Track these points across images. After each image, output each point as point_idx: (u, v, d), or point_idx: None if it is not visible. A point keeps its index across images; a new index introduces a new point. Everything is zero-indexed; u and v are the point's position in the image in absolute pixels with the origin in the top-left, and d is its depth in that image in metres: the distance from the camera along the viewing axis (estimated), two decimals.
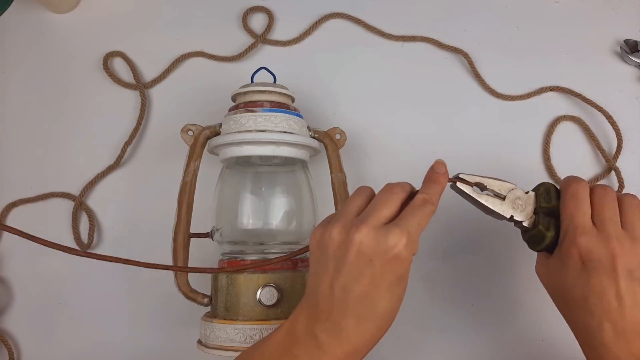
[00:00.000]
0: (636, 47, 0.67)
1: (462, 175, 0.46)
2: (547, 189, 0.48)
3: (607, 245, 0.42)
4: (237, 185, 0.58)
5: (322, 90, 0.67)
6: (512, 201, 0.47)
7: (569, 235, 0.44)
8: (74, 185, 0.65)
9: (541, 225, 0.46)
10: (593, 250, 0.42)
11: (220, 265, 0.56)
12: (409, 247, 0.41)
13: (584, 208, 0.44)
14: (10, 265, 0.64)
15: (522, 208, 0.47)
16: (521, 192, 0.47)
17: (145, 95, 0.67)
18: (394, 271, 0.41)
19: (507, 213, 0.47)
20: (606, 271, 0.42)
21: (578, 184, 0.45)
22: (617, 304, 0.42)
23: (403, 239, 0.40)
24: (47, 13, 0.70)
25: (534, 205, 0.47)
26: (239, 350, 0.50)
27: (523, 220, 0.47)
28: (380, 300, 0.41)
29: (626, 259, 0.42)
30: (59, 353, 0.62)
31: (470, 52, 0.68)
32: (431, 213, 0.43)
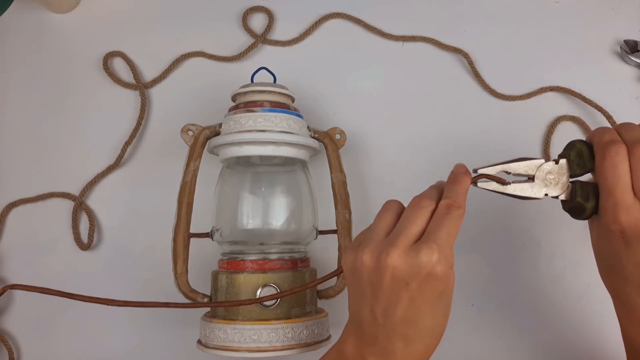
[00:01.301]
0: (636, 47, 0.67)
1: (481, 170, 0.44)
2: (579, 152, 0.44)
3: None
4: (237, 185, 0.58)
5: (322, 90, 0.67)
6: (543, 179, 0.44)
7: (610, 211, 0.42)
8: (74, 185, 0.65)
9: (579, 197, 0.44)
10: (635, 225, 0.41)
11: (220, 265, 0.56)
12: (442, 262, 0.39)
13: (623, 180, 0.41)
14: (10, 265, 0.64)
15: (556, 181, 0.44)
16: (551, 165, 0.44)
17: (145, 95, 0.67)
18: (433, 289, 0.40)
19: (539, 194, 0.44)
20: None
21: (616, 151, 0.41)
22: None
23: (434, 256, 0.39)
24: (47, 13, 0.70)
25: (567, 173, 0.44)
26: (239, 350, 0.50)
27: (559, 194, 0.44)
28: (424, 320, 0.40)
29: None
30: (59, 353, 0.62)
31: (470, 52, 0.68)
32: (459, 217, 0.41)
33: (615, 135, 0.43)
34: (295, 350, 0.51)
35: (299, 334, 0.51)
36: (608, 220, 0.42)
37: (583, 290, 0.62)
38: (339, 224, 0.58)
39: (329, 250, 0.61)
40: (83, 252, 0.64)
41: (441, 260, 0.39)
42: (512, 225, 0.64)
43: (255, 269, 0.53)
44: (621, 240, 0.42)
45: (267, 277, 0.52)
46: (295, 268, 0.54)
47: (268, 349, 0.50)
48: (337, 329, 0.59)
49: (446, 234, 0.40)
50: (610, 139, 0.42)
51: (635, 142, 0.41)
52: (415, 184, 0.50)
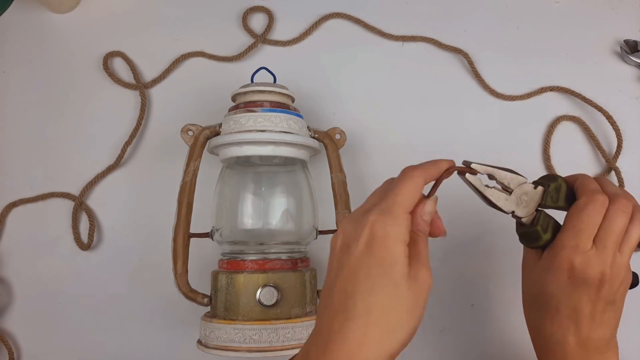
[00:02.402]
0: (636, 47, 0.67)
1: (473, 165, 0.44)
2: (558, 188, 0.45)
3: (600, 270, 0.42)
4: (237, 185, 0.58)
5: (322, 90, 0.67)
6: (518, 196, 0.45)
7: (566, 249, 0.43)
8: (74, 185, 0.65)
9: (539, 226, 0.45)
10: (586, 270, 0.42)
11: (220, 265, 0.56)
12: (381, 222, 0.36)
13: (591, 230, 0.43)
14: (10, 265, 0.64)
15: (526, 204, 0.45)
16: (530, 187, 0.45)
17: (145, 95, 0.67)
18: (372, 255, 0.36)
19: (508, 209, 0.45)
20: (589, 291, 0.43)
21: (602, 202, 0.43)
22: (588, 322, 0.44)
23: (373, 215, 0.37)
24: (47, 13, 0.70)
25: (538, 202, 0.45)
26: (239, 350, 0.50)
27: (523, 217, 0.45)
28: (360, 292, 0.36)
29: (612, 285, 0.43)
30: (59, 353, 0.62)
31: (470, 52, 0.68)
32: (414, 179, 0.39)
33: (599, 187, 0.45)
34: (296, 350, 0.51)
35: (298, 334, 0.51)
36: (562, 257, 0.43)
37: None
38: (339, 224, 0.58)
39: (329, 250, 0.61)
40: (83, 252, 0.64)
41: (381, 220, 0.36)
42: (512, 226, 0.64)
43: (255, 269, 0.53)
44: (567, 280, 0.43)
45: (267, 277, 0.52)
46: (295, 268, 0.54)
47: (268, 349, 0.50)
48: None
49: (393, 194, 0.38)
50: (597, 188, 0.44)
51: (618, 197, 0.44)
52: None
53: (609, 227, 0.43)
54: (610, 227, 0.43)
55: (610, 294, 0.43)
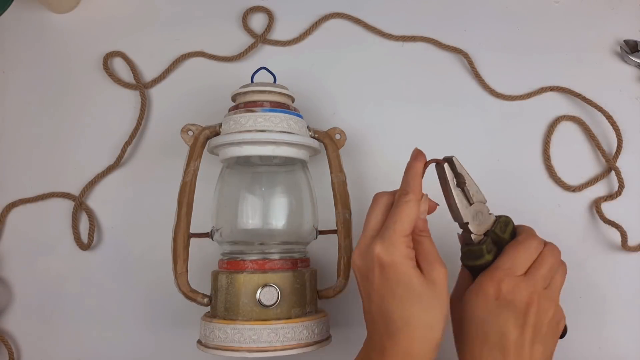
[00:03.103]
0: (636, 47, 0.67)
1: (455, 159, 0.47)
2: (507, 223, 0.48)
3: (527, 294, 0.44)
4: (237, 185, 0.58)
5: (322, 90, 0.67)
6: (476, 212, 0.47)
7: (499, 271, 0.45)
8: (74, 185, 0.65)
9: (485, 246, 0.46)
10: (514, 292, 0.44)
11: (220, 265, 0.56)
12: (385, 251, 0.42)
13: (527, 260, 0.45)
14: (10, 265, 0.64)
15: (479, 222, 0.47)
16: (486, 210, 0.48)
17: (145, 95, 0.67)
18: (388, 279, 0.43)
19: (466, 217, 0.47)
20: (517, 315, 0.44)
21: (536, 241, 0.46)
22: (515, 351, 0.44)
23: (377, 247, 0.43)
24: (47, 13, 0.70)
25: (488, 227, 0.48)
26: (239, 350, 0.50)
27: (473, 233, 0.47)
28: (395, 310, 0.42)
29: (538, 313, 0.44)
30: (59, 353, 0.63)
31: (470, 52, 0.68)
32: (407, 203, 0.44)
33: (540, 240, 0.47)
34: (295, 350, 0.51)
35: (298, 334, 0.51)
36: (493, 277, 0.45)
37: (583, 291, 0.62)
38: (339, 224, 0.58)
39: (329, 250, 0.61)
40: (83, 252, 0.64)
41: (384, 250, 0.42)
42: None
43: (255, 269, 0.53)
44: (495, 301, 0.44)
45: (267, 277, 0.52)
46: (295, 268, 0.54)
47: (268, 349, 0.50)
48: (337, 329, 0.59)
49: (393, 222, 0.43)
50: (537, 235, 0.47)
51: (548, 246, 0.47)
52: None
53: (540, 262, 0.45)
54: (541, 262, 0.45)
55: (538, 323, 0.44)
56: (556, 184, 0.65)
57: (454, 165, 0.47)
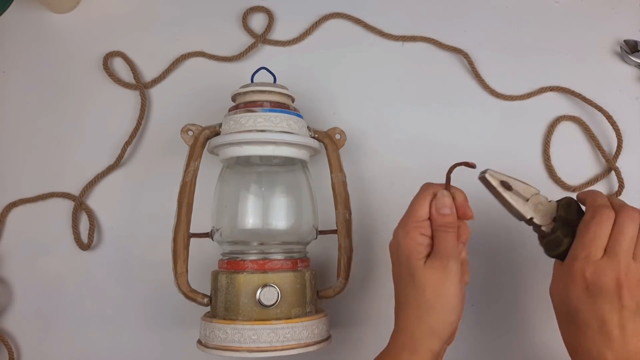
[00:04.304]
0: (636, 47, 0.67)
1: (490, 171, 0.48)
2: (569, 203, 0.48)
3: (614, 276, 0.43)
4: (237, 185, 0.58)
5: (322, 90, 0.67)
6: (535, 205, 0.48)
7: (579, 261, 0.44)
8: (74, 185, 0.65)
9: (560, 232, 0.47)
10: (599, 279, 0.43)
11: (220, 265, 0.56)
12: (400, 232, 0.48)
13: (601, 239, 0.44)
14: (10, 265, 0.64)
15: (543, 213, 0.48)
16: (544, 199, 0.48)
17: (145, 95, 0.67)
18: (394, 260, 0.49)
19: (528, 214, 0.48)
20: (610, 300, 0.43)
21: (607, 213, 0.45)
22: (620, 333, 0.43)
23: (398, 228, 0.48)
24: (47, 13, 0.70)
25: (554, 213, 0.48)
26: (239, 350, 0.50)
27: (542, 225, 0.48)
28: (400, 288, 0.48)
29: (632, 291, 0.43)
30: (59, 353, 0.62)
31: (470, 52, 0.68)
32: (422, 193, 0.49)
33: (606, 201, 0.46)
34: (295, 350, 0.51)
35: (298, 334, 0.51)
36: (576, 269, 0.44)
37: None
38: (339, 224, 0.58)
39: (329, 250, 0.61)
40: (83, 252, 0.64)
41: (399, 235, 0.48)
42: (512, 225, 0.64)
43: (255, 269, 0.53)
44: (585, 292, 0.44)
45: (267, 277, 0.52)
46: (295, 268, 0.54)
47: (268, 349, 0.50)
48: (336, 329, 0.59)
49: (407, 211, 0.48)
50: (604, 202, 0.46)
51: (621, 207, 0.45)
52: (415, 184, 0.51)
53: (618, 236, 0.44)
54: (619, 235, 0.44)
55: (633, 302, 0.43)
56: (556, 184, 0.65)
57: (493, 175, 0.48)
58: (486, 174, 0.48)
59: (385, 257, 0.50)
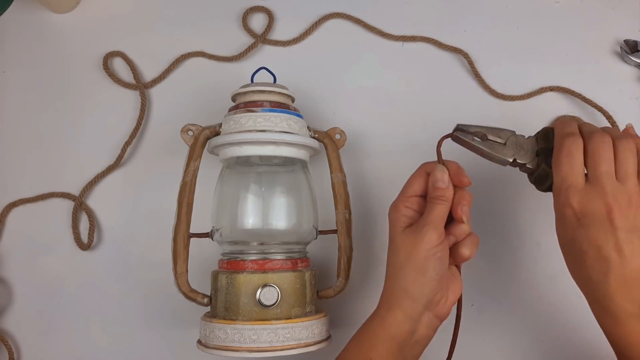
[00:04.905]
0: (636, 47, 0.67)
1: (460, 125, 0.49)
2: (546, 132, 0.49)
3: (601, 201, 0.43)
4: (237, 185, 0.58)
5: (322, 90, 0.67)
6: (514, 145, 0.49)
7: (562, 194, 0.45)
8: (74, 185, 0.65)
9: (544, 165, 0.47)
10: (587, 207, 0.43)
11: (220, 265, 0.56)
12: (391, 206, 0.50)
13: (576, 167, 0.44)
14: (10, 265, 0.64)
15: (525, 151, 0.49)
16: (522, 138, 0.49)
17: (145, 95, 0.67)
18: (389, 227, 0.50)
19: (509, 157, 0.49)
20: (603, 225, 0.43)
21: (571, 141, 0.45)
22: (617, 256, 0.43)
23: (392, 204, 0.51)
24: (47, 13, 0.70)
25: (535, 147, 0.49)
26: (239, 350, 0.50)
27: (526, 162, 0.49)
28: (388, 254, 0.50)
29: (622, 212, 0.43)
30: (59, 353, 0.62)
31: (470, 52, 0.68)
32: (417, 171, 0.51)
33: (574, 128, 0.47)
34: (295, 350, 0.51)
35: (298, 334, 0.51)
36: (562, 203, 0.45)
37: None
38: (339, 224, 0.58)
39: (329, 250, 0.61)
40: (83, 252, 0.64)
41: (391, 206, 0.50)
42: (511, 225, 0.64)
43: (255, 269, 0.53)
44: (576, 222, 0.44)
45: (267, 277, 0.52)
46: (295, 268, 0.54)
47: (268, 349, 0.50)
48: (336, 329, 0.59)
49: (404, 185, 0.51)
50: (569, 131, 0.46)
51: (591, 133, 0.45)
52: None
53: (594, 161, 0.44)
54: (595, 160, 0.44)
55: (627, 222, 0.43)
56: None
57: (464, 129, 0.49)
58: (457, 132, 0.49)
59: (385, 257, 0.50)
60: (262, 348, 0.50)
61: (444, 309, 0.48)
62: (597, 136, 0.45)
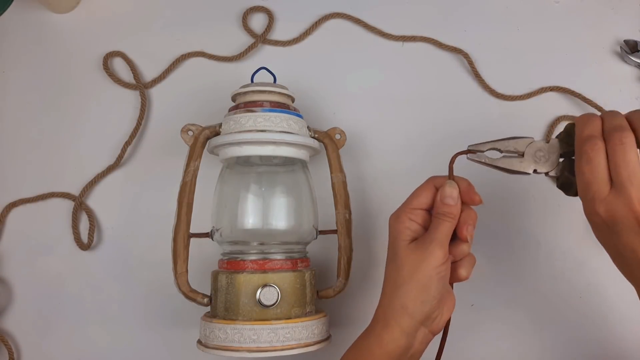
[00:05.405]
0: (636, 47, 0.67)
1: (471, 146, 0.48)
2: (568, 132, 0.47)
3: (628, 207, 0.42)
4: (237, 185, 0.58)
5: (322, 90, 0.67)
6: (533, 155, 0.47)
7: (588, 203, 0.43)
8: (74, 185, 0.65)
9: (567, 172, 0.46)
10: (615, 214, 0.42)
11: (220, 265, 0.56)
12: (392, 217, 0.49)
13: (598, 175, 0.43)
14: (10, 265, 0.64)
15: (546, 158, 0.47)
16: (541, 144, 0.47)
17: (145, 95, 0.67)
18: (389, 239, 0.50)
19: (528, 169, 0.47)
20: (633, 230, 0.42)
21: (591, 146, 0.43)
22: None
23: (392, 214, 0.50)
24: (47, 13, 0.70)
25: (558, 152, 0.47)
26: (239, 350, 0.50)
27: (549, 170, 0.47)
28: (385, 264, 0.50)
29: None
30: (59, 353, 0.62)
31: (470, 52, 0.68)
32: (424, 184, 0.50)
33: (593, 129, 0.44)
34: (295, 350, 0.51)
35: (298, 334, 0.51)
36: (589, 211, 0.44)
37: (583, 290, 0.62)
38: (339, 224, 0.58)
39: (329, 250, 0.61)
40: (83, 252, 0.64)
41: (392, 219, 0.49)
42: (512, 225, 0.64)
43: (255, 269, 0.53)
44: (607, 229, 0.43)
45: (267, 277, 0.52)
46: (295, 268, 0.54)
47: (268, 349, 0.50)
48: (336, 329, 0.59)
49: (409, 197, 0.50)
50: (588, 134, 0.44)
51: (610, 133, 0.43)
52: (415, 184, 0.50)
53: (614, 164, 0.42)
54: (615, 163, 0.42)
55: None
56: None
57: (477, 148, 0.48)
58: (468, 155, 0.48)
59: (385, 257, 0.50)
60: (262, 348, 0.50)
61: (439, 325, 0.48)
62: (615, 137, 0.43)
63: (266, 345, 0.50)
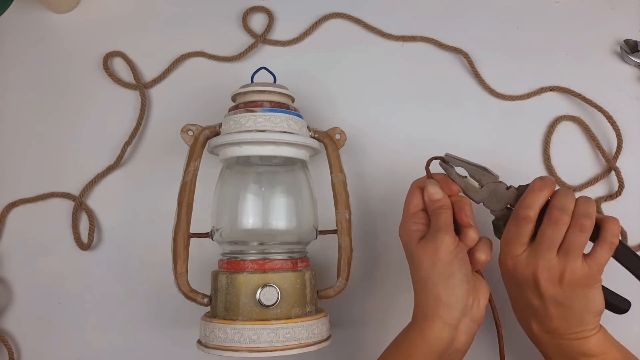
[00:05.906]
0: (636, 47, 0.67)
1: (448, 155, 0.52)
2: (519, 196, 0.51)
3: (531, 271, 0.48)
4: (237, 185, 0.58)
5: (322, 90, 0.67)
6: (489, 192, 0.51)
7: (503, 255, 0.50)
8: (74, 185, 0.65)
9: (501, 220, 0.51)
10: (518, 271, 0.49)
11: (220, 265, 0.56)
12: (400, 228, 0.53)
13: (522, 238, 0.48)
14: (10, 265, 0.64)
15: (496, 200, 0.51)
16: (502, 188, 0.51)
17: (145, 95, 0.67)
18: (404, 247, 0.53)
19: (477, 200, 0.52)
20: (530, 289, 0.49)
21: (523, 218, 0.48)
22: (542, 314, 0.50)
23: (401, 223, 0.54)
24: (47, 13, 0.70)
25: (509, 202, 0.51)
26: (239, 351, 0.50)
27: (492, 210, 0.52)
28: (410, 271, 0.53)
29: (550, 286, 0.48)
30: (58, 353, 0.62)
31: (470, 52, 0.68)
32: (411, 189, 0.54)
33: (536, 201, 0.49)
34: (295, 350, 0.51)
35: (298, 334, 0.51)
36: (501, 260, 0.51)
37: None
38: (339, 224, 0.58)
39: (329, 250, 0.61)
40: (83, 252, 0.64)
41: (400, 225, 0.53)
42: None
43: (255, 269, 0.53)
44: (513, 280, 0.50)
45: (267, 277, 0.52)
46: (295, 268, 0.54)
47: (268, 349, 0.50)
48: (336, 329, 0.59)
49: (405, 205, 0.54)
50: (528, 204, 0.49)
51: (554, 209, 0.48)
52: None
53: (542, 234, 0.48)
54: (543, 234, 0.48)
55: (553, 294, 0.48)
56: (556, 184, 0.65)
57: (449, 161, 0.52)
58: (440, 162, 0.52)
59: (385, 257, 0.50)
60: (262, 348, 0.50)
61: (479, 312, 0.50)
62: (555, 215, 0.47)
63: (266, 346, 0.50)
